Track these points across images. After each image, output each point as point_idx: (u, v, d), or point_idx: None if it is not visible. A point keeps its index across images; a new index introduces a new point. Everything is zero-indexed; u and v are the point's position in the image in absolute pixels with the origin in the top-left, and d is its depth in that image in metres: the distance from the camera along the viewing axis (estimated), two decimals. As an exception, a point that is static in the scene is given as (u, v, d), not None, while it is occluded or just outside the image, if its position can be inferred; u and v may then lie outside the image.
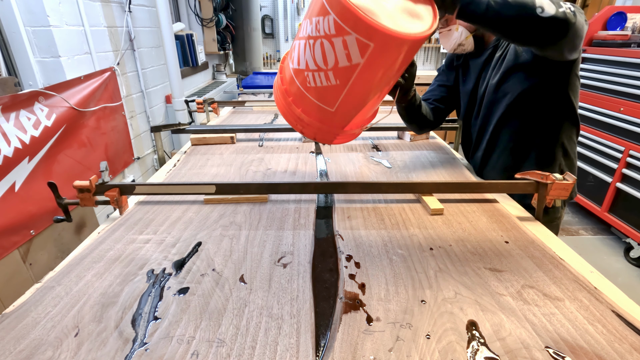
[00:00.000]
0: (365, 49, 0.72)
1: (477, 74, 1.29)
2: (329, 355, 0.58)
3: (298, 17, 6.37)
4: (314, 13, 0.77)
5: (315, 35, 0.77)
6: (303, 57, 0.82)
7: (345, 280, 0.76)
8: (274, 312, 0.68)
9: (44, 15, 1.83)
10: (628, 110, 2.70)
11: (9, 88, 1.68)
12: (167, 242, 0.91)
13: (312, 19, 0.78)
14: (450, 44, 1.25)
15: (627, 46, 2.87)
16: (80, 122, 2.04)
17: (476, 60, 1.30)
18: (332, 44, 0.75)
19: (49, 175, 1.78)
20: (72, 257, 0.86)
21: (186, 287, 0.74)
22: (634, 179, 2.63)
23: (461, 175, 1.34)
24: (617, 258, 2.76)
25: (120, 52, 2.48)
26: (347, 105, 0.86)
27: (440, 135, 2.52)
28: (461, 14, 0.85)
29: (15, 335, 0.63)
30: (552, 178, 0.96)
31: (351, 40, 0.72)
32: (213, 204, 1.10)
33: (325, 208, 1.08)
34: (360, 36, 0.71)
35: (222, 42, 4.56)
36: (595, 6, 4.97)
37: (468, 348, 0.59)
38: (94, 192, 1.00)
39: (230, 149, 1.62)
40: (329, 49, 0.76)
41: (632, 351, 0.59)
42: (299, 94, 0.88)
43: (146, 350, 0.60)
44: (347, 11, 0.69)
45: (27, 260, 1.64)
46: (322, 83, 0.82)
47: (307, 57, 0.81)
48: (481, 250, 0.87)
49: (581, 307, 0.69)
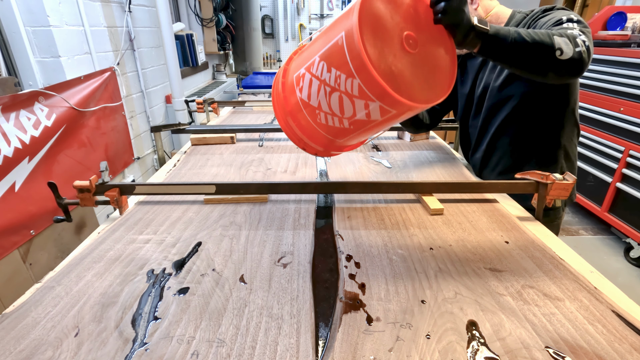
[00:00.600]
0: (386, 113, 0.75)
1: (474, 74, 1.29)
2: (329, 355, 0.58)
3: (298, 17, 6.37)
4: (333, 62, 0.75)
5: (334, 87, 0.77)
6: (316, 97, 0.82)
7: (345, 280, 0.76)
8: (274, 312, 0.68)
9: (44, 15, 1.84)
10: (628, 110, 2.70)
11: (9, 88, 1.68)
12: (167, 242, 0.91)
13: (331, 68, 0.76)
14: None
15: (627, 46, 2.87)
16: (80, 122, 2.04)
17: (473, 61, 1.30)
18: (353, 103, 0.76)
19: (49, 175, 1.78)
20: (72, 257, 0.86)
21: (186, 287, 0.74)
22: (634, 179, 2.63)
23: (461, 175, 1.34)
24: (617, 258, 2.76)
25: (120, 52, 2.48)
26: (355, 139, 0.90)
27: (440, 135, 2.52)
28: (481, 52, 0.85)
29: (15, 335, 0.63)
30: (552, 178, 0.96)
31: (374, 106, 0.73)
32: (213, 204, 1.10)
33: (325, 208, 1.08)
34: (384, 105, 0.72)
35: (222, 42, 4.56)
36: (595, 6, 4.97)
37: (468, 348, 0.59)
38: (94, 192, 1.00)
39: (230, 149, 1.62)
40: (348, 105, 0.77)
41: (632, 351, 0.59)
42: (307, 126, 0.89)
43: (146, 350, 0.60)
44: (376, 84, 0.69)
45: (27, 260, 1.64)
46: (334, 124, 0.83)
47: (320, 99, 0.81)
48: (481, 250, 0.87)
49: (581, 307, 0.69)
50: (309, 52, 0.84)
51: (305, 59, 0.84)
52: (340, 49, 0.72)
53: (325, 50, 0.77)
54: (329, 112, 0.81)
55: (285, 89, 0.90)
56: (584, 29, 0.95)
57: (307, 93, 0.83)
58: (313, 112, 0.84)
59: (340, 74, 0.74)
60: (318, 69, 0.79)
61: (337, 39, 0.72)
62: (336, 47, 0.73)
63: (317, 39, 0.84)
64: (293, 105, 0.88)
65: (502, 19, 1.21)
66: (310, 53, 0.83)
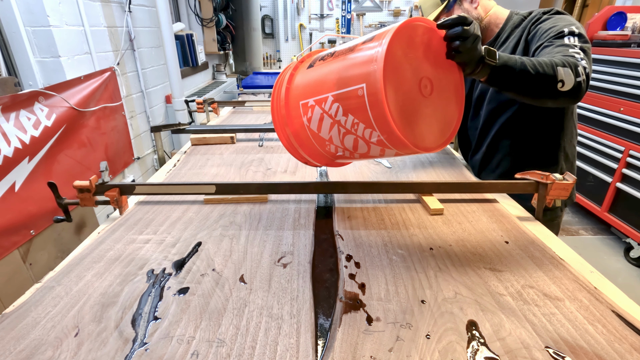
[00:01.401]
0: (399, 154, 0.79)
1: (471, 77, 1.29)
2: (329, 355, 0.58)
3: (298, 17, 6.37)
4: (350, 108, 0.73)
5: (349, 130, 0.77)
6: (327, 132, 0.81)
7: (345, 280, 0.76)
8: (274, 312, 0.68)
9: (44, 15, 1.84)
10: (628, 110, 2.70)
11: (9, 88, 1.68)
12: (167, 242, 0.91)
13: (347, 113, 0.75)
14: None
15: (627, 46, 2.87)
16: (80, 122, 2.04)
17: None
18: (369, 146, 0.77)
19: (49, 175, 1.78)
20: (72, 257, 0.86)
21: (186, 287, 0.74)
22: (634, 179, 2.63)
23: (461, 175, 1.34)
24: (617, 258, 2.76)
25: (120, 52, 2.48)
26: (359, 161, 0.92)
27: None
28: (489, 81, 0.86)
29: (15, 335, 0.63)
30: (552, 178, 0.96)
31: (390, 151, 0.76)
32: (213, 204, 1.10)
33: (325, 208, 1.08)
34: (400, 152, 0.76)
35: (222, 42, 4.57)
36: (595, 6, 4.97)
37: (468, 348, 0.59)
38: (94, 192, 1.00)
39: (230, 149, 1.62)
40: (363, 146, 0.78)
41: (632, 351, 0.59)
42: (313, 150, 0.89)
43: (146, 350, 0.60)
44: (397, 138, 0.70)
45: (27, 260, 1.64)
46: (344, 155, 0.85)
47: (332, 135, 0.81)
48: (481, 250, 0.87)
49: (581, 307, 0.69)
50: (319, 80, 0.80)
51: (315, 89, 0.80)
52: (360, 100, 0.70)
53: (341, 92, 0.74)
54: (340, 146, 0.82)
55: (289, 109, 0.86)
56: (584, 45, 0.96)
57: (317, 126, 0.82)
58: (322, 142, 0.85)
59: (358, 122, 0.74)
60: (331, 108, 0.77)
61: (357, 88, 0.71)
62: (355, 96, 0.71)
63: (328, 63, 0.79)
64: (298, 127, 0.87)
65: (500, 19, 1.21)
66: (320, 83, 0.79)
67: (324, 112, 0.79)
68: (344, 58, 0.75)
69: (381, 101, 0.66)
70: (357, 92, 0.70)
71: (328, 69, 0.78)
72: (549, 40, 1.02)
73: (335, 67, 0.77)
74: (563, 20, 1.05)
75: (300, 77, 0.86)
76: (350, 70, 0.73)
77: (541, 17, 1.10)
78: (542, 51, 1.02)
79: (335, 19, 6.37)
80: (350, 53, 0.74)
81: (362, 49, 0.72)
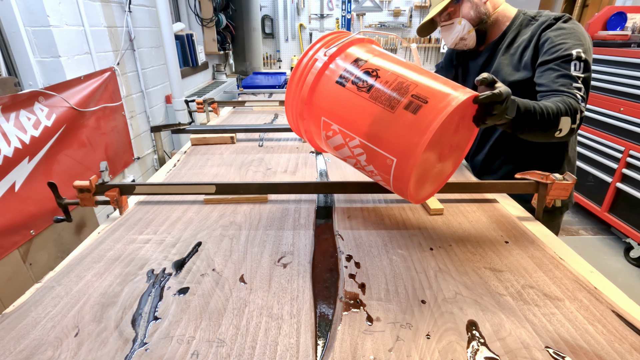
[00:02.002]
0: None
1: (476, 75, 1.28)
2: (329, 355, 0.58)
3: (298, 17, 6.37)
4: (374, 163, 0.78)
5: (368, 171, 0.85)
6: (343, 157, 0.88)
7: (345, 280, 0.76)
8: (274, 312, 0.68)
9: (44, 15, 1.83)
10: (628, 110, 2.70)
11: (9, 88, 1.68)
12: (167, 242, 0.91)
13: (370, 164, 0.80)
14: (452, 38, 1.23)
15: (627, 46, 2.87)
16: (80, 122, 2.04)
17: (475, 61, 1.30)
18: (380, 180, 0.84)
19: (49, 175, 1.78)
20: (72, 257, 0.86)
21: (186, 287, 0.74)
22: (634, 179, 2.63)
23: (461, 175, 1.34)
24: (617, 258, 2.76)
25: (120, 52, 2.48)
26: None
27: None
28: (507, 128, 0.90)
29: (15, 335, 0.63)
30: (552, 178, 0.96)
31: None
32: (213, 204, 1.10)
33: (325, 208, 1.08)
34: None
35: (222, 42, 4.56)
36: (595, 6, 4.97)
37: (468, 348, 0.59)
38: (94, 192, 1.00)
39: (230, 149, 1.62)
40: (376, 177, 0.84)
41: (632, 351, 0.59)
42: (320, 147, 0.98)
43: (146, 350, 0.60)
44: (405, 196, 0.79)
45: (27, 260, 1.64)
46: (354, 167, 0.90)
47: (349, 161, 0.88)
48: (481, 250, 0.87)
49: (581, 307, 0.69)
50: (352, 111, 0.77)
51: (344, 118, 0.78)
52: (386, 165, 0.75)
53: (370, 146, 0.76)
54: (353, 167, 0.89)
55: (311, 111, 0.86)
56: (586, 75, 1.00)
57: (334, 147, 0.87)
58: (337, 154, 0.90)
59: (376, 173, 0.80)
60: (355, 149, 0.80)
61: (387, 157, 0.73)
62: (382, 158, 0.75)
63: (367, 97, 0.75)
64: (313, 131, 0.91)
65: (508, 17, 1.20)
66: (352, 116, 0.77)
67: (345, 144, 0.81)
68: (389, 102, 0.72)
69: (406, 181, 0.72)
70: (387, 160, 0.74)
71: (366, 106, 0.75)
72: (556, 63, 1.02)
73: (372, 111, 0.74)
74: (573, 35, 1.03)
75: (332, 88, 0.80)
76: (387, 131, 0.72)
77: (552, 24, 1.09)
78: (546, 73, 1.03)
79: (335, 19, 6.37)
80: (397, 99, 0.71)
81: (412, 104, 0.69)
